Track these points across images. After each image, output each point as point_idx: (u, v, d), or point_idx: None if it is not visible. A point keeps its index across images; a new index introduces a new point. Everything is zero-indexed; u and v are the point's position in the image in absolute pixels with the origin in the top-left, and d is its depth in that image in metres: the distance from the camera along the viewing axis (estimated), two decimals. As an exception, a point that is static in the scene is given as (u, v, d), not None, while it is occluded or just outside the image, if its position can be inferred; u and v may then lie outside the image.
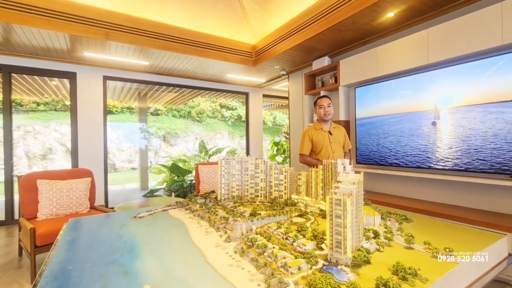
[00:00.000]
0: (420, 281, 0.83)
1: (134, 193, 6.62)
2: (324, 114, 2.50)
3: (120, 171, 10.54)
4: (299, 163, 2.71)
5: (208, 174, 3.69)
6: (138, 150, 8.84)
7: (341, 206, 0.96)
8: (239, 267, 1.02)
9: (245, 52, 4.40)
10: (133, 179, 9.40)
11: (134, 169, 10.82)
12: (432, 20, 2.81)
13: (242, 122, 14.16)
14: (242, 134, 14.29)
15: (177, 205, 1.98)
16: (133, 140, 10.99)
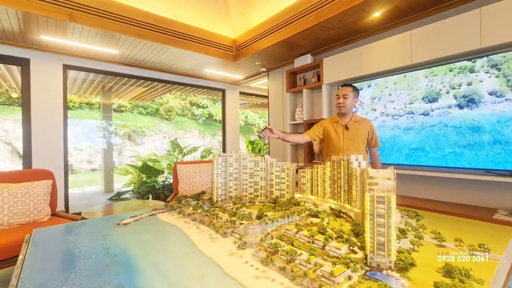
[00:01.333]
0: (477, 283, 0.76)
1: (97, 196, 6.01)
2: (338, 106, 2.24)
3: (78, 172, 9.54)
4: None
5: (188, 174, 3.45)
6: (100, 149, 8.07)
7: (384, 204, 0.86)
8: (267, 278, 0.88)
9: (226, 46, 4.21)
10: (94, 181, 8.58)
11: (95, 170, 9.91)
12: (415, 22, 2.92)
13: (213, 121, 13.80)
14: (214, 133, 13.94)
15: (166, 208, 1.75)
16: (94, 138, 10.04)
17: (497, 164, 2.21)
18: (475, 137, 2.30)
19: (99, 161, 10.03)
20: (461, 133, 2.37)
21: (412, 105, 2.71)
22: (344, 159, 1.43)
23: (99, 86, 6.13)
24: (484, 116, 2.23)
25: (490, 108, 2.20)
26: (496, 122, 2.18)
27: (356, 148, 2.24)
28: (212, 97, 7.74)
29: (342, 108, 2.23)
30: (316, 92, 4.12)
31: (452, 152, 2.44)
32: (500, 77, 2.17)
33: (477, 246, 0.97)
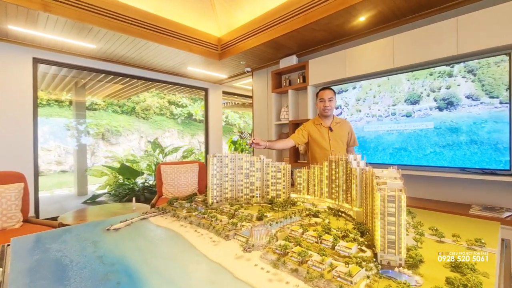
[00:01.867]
0: (483, 276, 0.80)
1: (69, 200, 5.62)
2: (324, 109, 2.29)
3: (46, 174, 8.87)
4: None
5: (173, 175, 3.34)
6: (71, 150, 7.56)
7: (394, 203, 0.88)
8: (281, 281, 0.86)
9: (211, 44, 4.13)
10: (64, 184, 8.02)
11: (65, 172, 9.27)
12: (397, 28, 3.06)
13: (193, 121, 13.51)
14: (194, 133, 13.64)
15: (158, 211, 1.67)
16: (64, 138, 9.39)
17: (474, 163, 2.38)
18: (454, 137, 2.45)
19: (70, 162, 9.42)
20: (441, 134, 2.52)
21: (395, 106, 2.83)
22: (342, 159, 1.46)
23: (71, 82, 5.75)
24: (462, 118, 2.39)
25: (467, 110, 2.36)
26: (472, 124, 2.35)
27: (341, 148, 2.34)
28: (194, 96, 7.58)
29: (328, 111, 2.31)
30: (301, 93, 4.18)
31: (433, 152, 2.58)
32: (476, 82, 2.34)
33: (474, 240, 1.03)
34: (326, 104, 2.28)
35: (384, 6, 2.69)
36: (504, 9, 2.26)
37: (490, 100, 2.27)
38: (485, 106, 2.29)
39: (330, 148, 2.32)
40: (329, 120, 2.36)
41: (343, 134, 2.36)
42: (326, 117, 2.36)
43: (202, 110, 14.51)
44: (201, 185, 3.51)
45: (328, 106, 2.28)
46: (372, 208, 1.06)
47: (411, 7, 2.72)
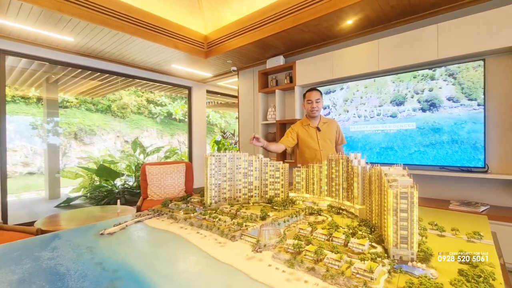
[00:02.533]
0: (489, 266, 0.85)
1: (40, 204, 5.22)
2: (311, 110, 2.33)
3: (11, 177, 8.17)
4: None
5: (159, 175, 3.22)
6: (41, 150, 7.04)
7: (407, 199, 0.91)
8: (299, 280, 0.85)
9: (197, 42, 4.04)
10: (32, 187, 7.46)
11: (33, 174, 8.61)
12: (382, 32, 3.18)
13: (172, 120, 13.16)
14: (173, 132, 13.28)
15: (153, 213, 1.60)
16: (31, 138, 8.72)
17: (453, 161, 2.54)
18: (435, 137, 2.60)
19: (38, 164, 8.77)
20: (423, 134, 2.67)
21: (381, 107, 2.95)
22: (343, 158, 1.48)
23: (42, 78, 5.34)
24: (443, 119, 2.55)
25: (448, 112, 2.51)
26: (453, 124, 2.50)
27: (330, 147, 2.38)
28: (176, 94, 7.36)
29: (316, 112, 2.35)
30: (288, 93, 4.22)
31: (416, 151, 2.72)
32: (456, 85, 2.50)
33: (472, 233, 1.09)
34: (314, 105, 2.32)
35: (371, 11, 2.79)
36: (479, 18, 2.43)
37: (469, 102, 2.43)
38: (465, 108, 2.45)
39: (319, 147, 2.36)
40: (316, 120, 2.41)
41: (331, 133, 2.41)
42: (313, 118, 2.40)
43: (182, 109, 14.23)
44: (188, 186, 3.42)
45: (316, 107, 2.32)
46: (380, 205, 1.08)
47: (396, 13, 2.85)
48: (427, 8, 2.75)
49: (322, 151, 2.30)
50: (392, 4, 2.66)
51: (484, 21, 2.41)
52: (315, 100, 2.32)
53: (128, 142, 11.12)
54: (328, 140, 2.38)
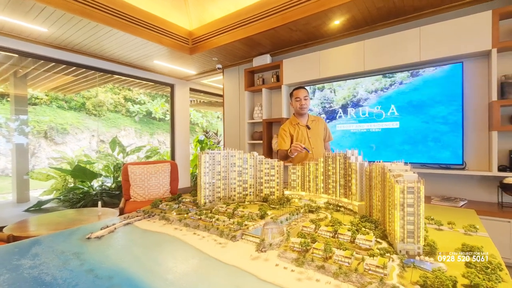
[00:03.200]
0: (491, 258, 0.87)
1: (6, 208, 4.80)
2: (300, 107, 2.35)
3: (-29, 180, 7.45)
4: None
5: (142, 176, 3.08)
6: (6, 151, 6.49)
7: (413, 194, 0.91)
8: (311, 279, 0.83)
9: (182, 37, 3.92)
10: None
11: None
12: (367, 33, 3.26)
13: (152, 119, 12.72)
14: (152, 131, 12.84)
15: (143, 215, 1.51)
16: (-6, 136, 8.01)
17: (433, 159, 2.65)
18: (418, 136, 2.71)
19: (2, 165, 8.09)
20: (407, 133, 2.77)
21: (367, 107, 3.02)
22: (340, 155, 1.48)
23: (9, 72, 4.92)
24: (425, 119, 2.65)
25: (429, 112, 2.62)
26: (434, 124, 2.61)
27: (320, 145, 2.41)
28: (157, 92, 7.09)
29: (305, 109, 2.37)
30: (275, 92, 4.21)
31: (399, 149, 2.81)
32: (437, 87, 2.61)
33: (468, 227, 1.12)
34: (302, 102, 2.34)
35: (358, 12, 2.85)
36: (457, 23, 2.56)
37: (449, 103, 2.55)
38: (445, 109, 2.57)
39: (311, 145, 2.36)
40: (305, 118, 2.43)
41: (320, 130, 2.44)
42: (302, 116, 2.42)
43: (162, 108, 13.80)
44: (173, 186, 3.30)
45: (304, 104, 2.34)
46: (383, 200, 1.09)
47: (381, 15, 2.93)
48: (410, 11, 2.86)
49: (314, 149, 2.31)
50: (378, 6, 2.73)
51: (461, 26, 2.55)
52: (303, 97, 2.34)
53: (104, 142, 10.60)
54: (318, 138, 2.40)
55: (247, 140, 4.28)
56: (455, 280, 0.71)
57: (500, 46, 2.41)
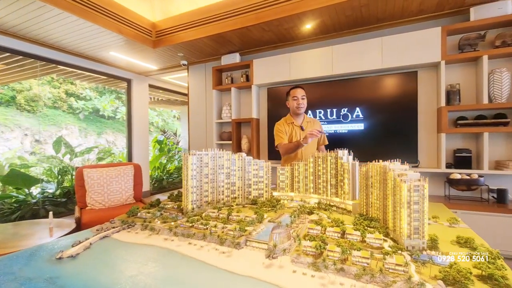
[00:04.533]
0: (482, 246, 0.97)
1: None
2: (297, 107, 2.28)
3: None
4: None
5: (101, 180, 2.75)
6: None
7: (419, 192, 0.96)
8: (334, 284, 0.80)
9: (144, 29, 3.60)
10: None
11: None
12: (335, 39, 3.43)
13: (99, 117, 11.50)
14: (100, 131, 11.60)
15: (121, 225, 1.32)
16: None
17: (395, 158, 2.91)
18: (380, 137, 2.95)
19: None
20: (370, 134, 2.99)
21: (335, 109, 3.18)
22: (331, 155, 1.51)
23: None
24: (387, 121, 2.90)
25: (390, 115, 2.87)
26: (395, 126, 2.88)
27: (313, 147, 2.35)
28: (110, 87, 6.38)
29: (301, 109, 2.31)
30: (244, 92, 4.16)
31: (364, 149, 3.03)
32: (395, 91, 2.87)
33: (451, 219, 1.23)
34: (300, 101, 2.28)
35: (328, 18, 2.98)
36: (414, 36, 2.85)
37: (407, 107, 2.84)
38: (404, 112, 2.86)
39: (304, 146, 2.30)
40: (300, 118, 2.38)
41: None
42: (297, 116, 2.36)
43: (112, 105, 12.65)
44: (137, 191, 3.01)
45: (301, 104, 2.28)
46: (384, 199, 1.13)
47: (349, 23, 3.11)
48: (374, 22, 3.09)
49: (304, 151, 2.25)
50: (347, 14, 2.89)
51: (416, 39, 2.84)
52: (300, 96, 2.28)
53: (41, 142, 9.25)
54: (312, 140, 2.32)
55: (215, 140, 4.14)
56: (470, 272, 0.76)
57: (448, 59, 2.76)
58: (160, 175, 6.07)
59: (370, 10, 2.80)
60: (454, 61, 2.81)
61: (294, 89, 2.34)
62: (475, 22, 2.65)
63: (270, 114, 3.79)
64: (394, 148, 3.00)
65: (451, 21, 2.89)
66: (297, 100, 2.29)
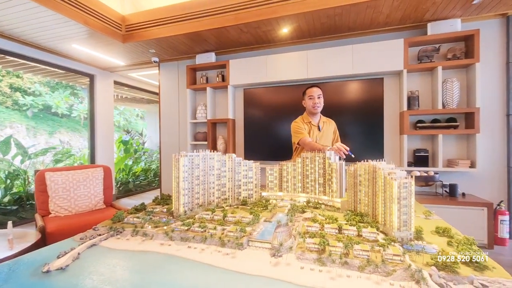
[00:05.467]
0: (457, 234, 1.11)
1: None
2: (313, 106, 2.23)
3: None
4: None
5: (67, 184, 2.54)
6: None
7: (407, 188, 1.07)
8: (342, 277, 0.86)
9: (113, 21, 3.38)
10: None
11: None
12: (310, 44, 3.58)
13: (51, 115, 10.39)
14: (53, 130, 10.49)
15: (108, 232, 1.23)
16: None
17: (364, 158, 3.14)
18: (351, 138, 3.16)
19: None
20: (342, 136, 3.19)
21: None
22: (319, 155, 1.58)
23: None
24: (358, 123, 3.12)
25: (362, 119, 3.10)
26: (365, 128, 3.10)
27: (328, 142, 2.33)
28: (68, 82, 5.77)
29: (318, 108, 2.27)
30: (219, 92, 4.12)
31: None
32: (363, 97, 3.10)
33: (427, 212, 1.38)
34: (316, 101, 2.24)
35: (305, 23, 3.10)
36: (381, 46, 3.11)
37: (372, 112, 3.10)
38: (373, 116, 3.10)
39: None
40: (317, 118, 2.33)
41: (329, 133, 2.35)
42: (314, 115, 2.32)
43: (66, 101, 11.59)
44: (107, 195, 2.80)
45: (318, 103, 2.25)
46: (373, 195, 1.22)
47: (323, 30, 3.27)
48: (345, 30, 3.29)
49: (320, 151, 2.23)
50: (322, 21, 3.04)
51: (383, 48, 3.10)
52: (317, 96, 2.25)
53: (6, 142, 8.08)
54: (327, 140, 2.32)
55: (189, 141, 4.04)
56: (456, 257, 0.87)
57: (409, 68, 3.06)
58: (126, 178, 5.71)
59: (343, 19, 2.98)
60: (414, 70, 3.13)
61: (310, 88, 2.30)
62: (431, 36, 2.98)
63: (247, 115, 3.82)
64: (363, 147, 3.23)
65: (412, 34, 3.21)
66: (313, 99, 2.25)
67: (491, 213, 2.70)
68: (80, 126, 11.20)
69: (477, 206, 2.74)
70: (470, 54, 2.89)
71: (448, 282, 0.79)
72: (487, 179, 3.01)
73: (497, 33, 2.96)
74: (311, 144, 2.08)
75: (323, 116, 2.39)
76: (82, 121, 10.98)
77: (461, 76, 3.06)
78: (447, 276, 0.82)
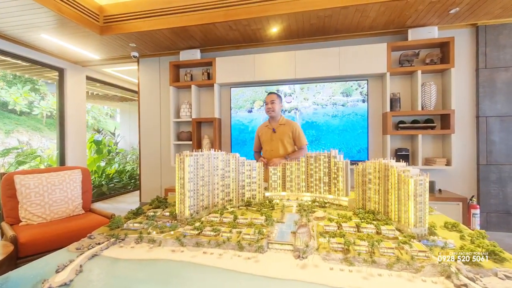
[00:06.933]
0: (465, 228, 1.16)
1: None
2: (267, 111, 2.53)
3: None
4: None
5: (40, 188, 2.30)
6: None
7: (423, 185, 1.09)
8: (374, 276, 0.85)
9: (90, 11, 3.12)
10: None
11: None
12: (298, 45, 3.60)
13: (7, 112, 9.38)
14: (10, 129, 9.47)
15: (108, 239, 1.11)
16: None
17: (351, 156, 3.23)
18: (340, 137, 3.24)
19: None
20: (331, 135, 3.25)
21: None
22: (324, 155, 1.58)
23: None
24: (347, 123, 3.20)
25: (350, 118, 3.19)
26: (352, 128, 3.20)
27: (284, 148, 2.45)
28: (31, 76, 5.18)
29: (272, 112, 2.51)
30: (205, 90, 4.00)
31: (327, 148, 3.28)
32: (359, 97, 3.20)
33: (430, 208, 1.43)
34: (269, 106, 2.51)
35: (295, 23, 3.11)
36: (366, 49, 3.22)
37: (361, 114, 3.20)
38: (358, 116, 3.20)
39: (270, 148, 2.49)
40: (275, 121, 2.56)
41: (285, 135, 2.45)
42: (272, 118, 2.57)
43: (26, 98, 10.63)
44: (85, 199, 2.57)
45: (271, 107, 2.50)
46: (385, 193, 1.24)
47: (312, 31, 3.31)
48: (333, 32, 3.37)
49: (273, 151, 2.44)
50: (312, 22, 3.08)
51: (368, 51, 3.22)
52: (270, 101, 2.51)
53: None
54: (279, 142, 2.46)
55: (172, 140, 3.87)
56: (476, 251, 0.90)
57: (391, 71, 3.20)
58: (99, 181, 5.32)
59: (332, 20, 3.04)
60: (396, 73, 3.28)
61: (268, 96, 2.57)
62: (412, 41, 3.15)
63: (234, 114, 3.74)
64: (349, 147, 3.32)
65: (394, 39, 3.37)
66: (267, 104, 2.53)
67: (465, 207, 2.91)
68: (41, 125, 10.29)
69: (453, 201, 2.94)
70: (446, 59, 3.10)
71: (475, 275, 0.82)
72: (460, 176, 3.25)
73: (468, 41, 3.21)
74: (255, 156, 2.72)
75: (284, 119, 2.57)
76: (44, 119, 10.10)
77: (437, 80, 3.27)
78: (473, 270, 0.84)
